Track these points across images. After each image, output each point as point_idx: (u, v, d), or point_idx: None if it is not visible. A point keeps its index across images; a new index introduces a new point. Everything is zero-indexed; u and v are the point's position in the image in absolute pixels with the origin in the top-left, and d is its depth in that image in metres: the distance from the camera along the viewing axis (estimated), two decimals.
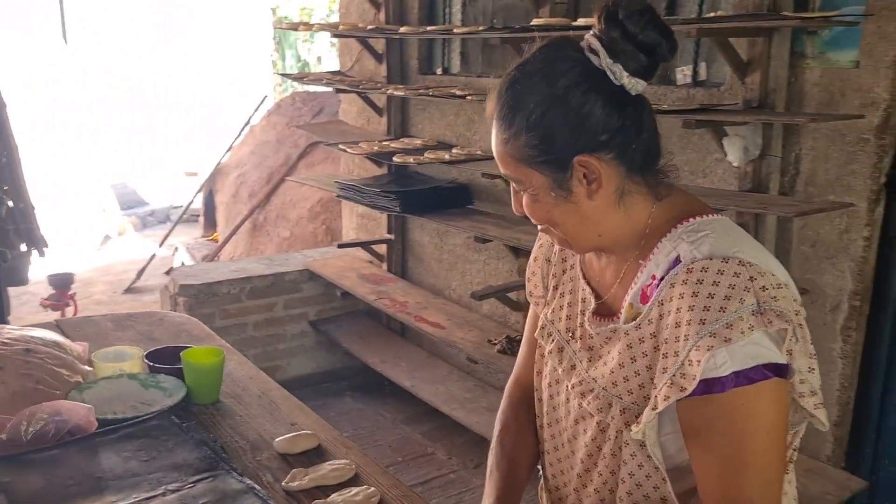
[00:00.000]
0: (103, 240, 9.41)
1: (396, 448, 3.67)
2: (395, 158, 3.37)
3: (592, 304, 1.14)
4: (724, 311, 0.93)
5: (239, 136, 8.43)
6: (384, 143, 3.71)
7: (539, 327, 1.26)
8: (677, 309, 0.97)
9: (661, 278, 1.02)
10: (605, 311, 1.12)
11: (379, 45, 4.02)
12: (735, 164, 2.43)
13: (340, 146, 3.68)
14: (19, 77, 8.45)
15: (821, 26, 2.18)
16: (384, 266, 4.29)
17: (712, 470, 0.98)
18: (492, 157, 1.12)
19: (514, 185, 1.09)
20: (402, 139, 3.80)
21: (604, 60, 1.00)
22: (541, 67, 1.02)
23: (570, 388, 1.15)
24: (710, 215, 1.06)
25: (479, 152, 3.36)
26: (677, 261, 1.01)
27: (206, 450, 1.53)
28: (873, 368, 2.43)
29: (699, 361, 0.93)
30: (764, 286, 0.95)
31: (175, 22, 13.54)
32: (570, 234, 1.08)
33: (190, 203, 8.92)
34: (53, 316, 5.46)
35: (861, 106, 2.24)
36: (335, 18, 10.96)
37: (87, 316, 2.59)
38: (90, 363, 1.89)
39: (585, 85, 0.99)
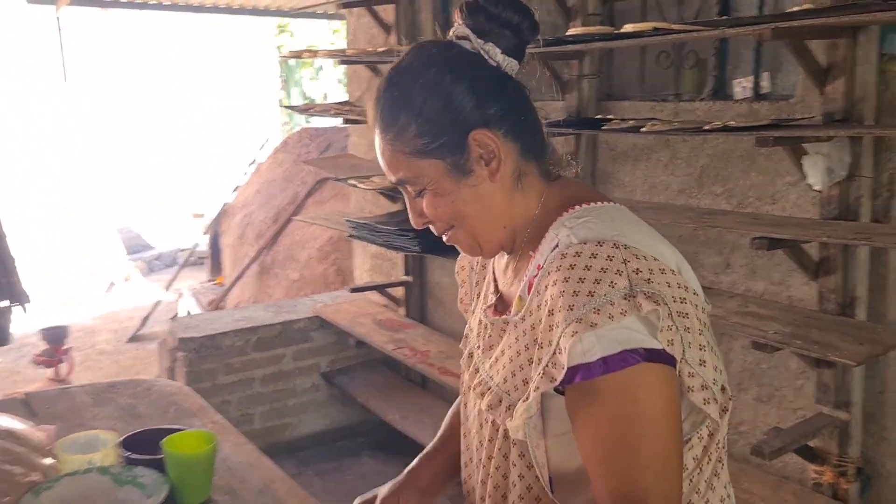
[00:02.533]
0: (109, 286, 9.11)
1: None
2: None
3: (492, 299, 1.14)
4: (592, 296, 0.89)
5: (245, 175, 8.15)
6: None
7: (464, 336, 1.24)
8: (551, 297, 0.93)
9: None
10: (503, 308, 1.11)
11: None
12: (817, 188, 2.07)
13: (350, 181, 3.35)
14: (20, 118, 8.23)
15: None
16: (402, 311, 3.93)
17: (600, 464, 0.91)
18: None
19: (410, 190, 1.06)
20: None
21: (475, 42, 1.02)
22: (412, 62, 1.03)
23: (473, 390, 1.12)
24: (600, 202, 1.03)
25: None
26: (556, 248, 0.98)
27: None
28: None
29: (566, 348, 0.89)
30: (638, 269, 0.90)
31: (179, 61, 13.39)
32: (477, 229, 1.05)
33: (195, 246, 8.63)
34: (47, 373, 5.12)
35: None
36: None
37: (64, 387, 2.24)
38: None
39: (461, 65, 1.01)
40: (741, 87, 2.41)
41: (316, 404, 3.99)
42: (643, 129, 2.17)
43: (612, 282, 0.89)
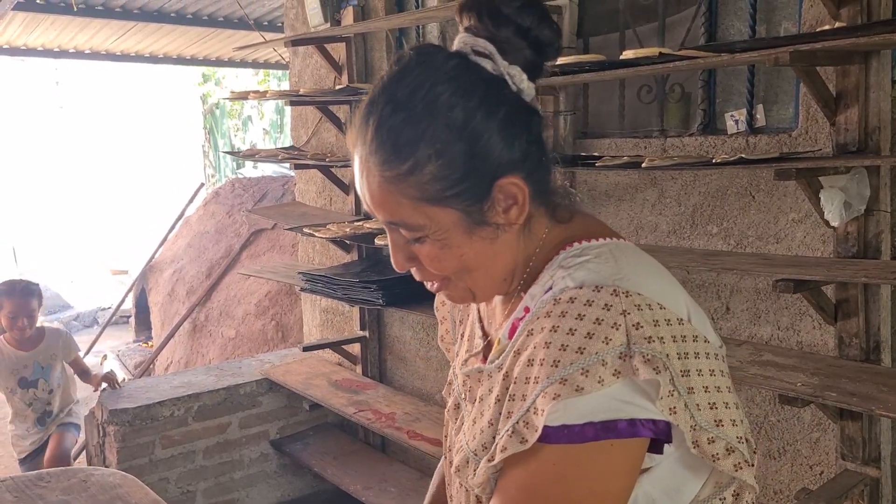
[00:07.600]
0: None
1: None
2: (376, 241, 2.78)
3: (479, 346, 1.01)
4: (581, 353, 0.78)
5: (173, 228, 7.72)
6: (356, 223, 3.12)
7: (447, 382, 1.10)
8: (534, 345, 0.81)
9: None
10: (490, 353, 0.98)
11: (341, 112, 3.48)
12: (834, 224, 1.92)
13: (305, 230, 3.07)
14: None
15: None
16: (358, 369, 3.63)
17: None
18: None
19: (405, 234, 0.88)
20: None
21: (500, 64, 0.86)
22: (426, 82, 0.84)
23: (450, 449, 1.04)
24: (603, 239, 0.90)
25: None
26: (549, 291, 0.86)
27: None
28: None
29: (544, 411, 0.78)
30: (639, 323, 0.79)
31: (98, 112, 12.85)
32: (479, 282, 0.91)
33: (120, 304, 8.11)
34: None
35: None
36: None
37: None
38: None
39: (492, 98, 0.84)
40: (734, 120, 2.27)
41: (265, 476, 3.63)
42: (644, 165, 2.00)
43: (606, 337, 0.77)
